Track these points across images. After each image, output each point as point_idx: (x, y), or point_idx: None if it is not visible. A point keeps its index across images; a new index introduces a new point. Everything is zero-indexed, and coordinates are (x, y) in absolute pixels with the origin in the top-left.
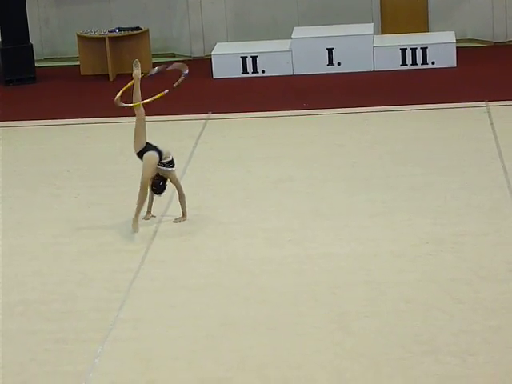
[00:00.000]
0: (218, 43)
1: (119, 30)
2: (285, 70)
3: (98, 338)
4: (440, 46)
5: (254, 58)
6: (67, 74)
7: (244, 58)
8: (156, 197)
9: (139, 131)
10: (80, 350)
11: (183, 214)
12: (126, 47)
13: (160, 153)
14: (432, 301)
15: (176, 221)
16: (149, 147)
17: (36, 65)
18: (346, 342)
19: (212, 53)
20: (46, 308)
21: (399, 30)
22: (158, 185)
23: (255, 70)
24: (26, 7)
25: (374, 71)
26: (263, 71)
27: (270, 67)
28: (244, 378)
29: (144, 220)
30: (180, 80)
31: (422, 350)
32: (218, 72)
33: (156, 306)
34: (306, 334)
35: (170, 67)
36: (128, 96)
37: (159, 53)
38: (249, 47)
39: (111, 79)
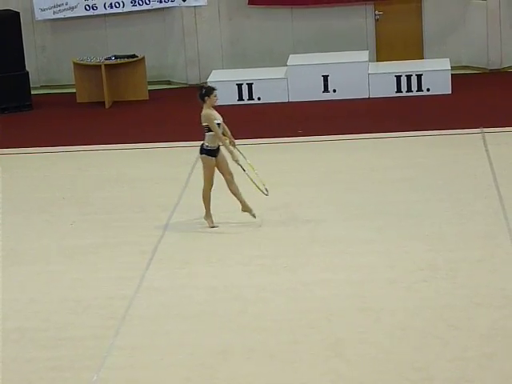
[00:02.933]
0: (213, 70)
1: (115, 58)
2: (280, 97)
3: (94, 365)
4: (435, 73)
5: (250, 85)
6: (63, 102)
7: (240, 85)
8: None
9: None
10: (75, 377)
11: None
12: (122, 75)
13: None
14: (427, 328)
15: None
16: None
17: (32, 92)
18: (342, 369)
19: (208, 80)
20: (41, 335)
21: (394, 58)
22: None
23: (251, 97)
24: (22, 35)
25: (369, 98)
26: (259, 98)
27: (266, 94)
28: None
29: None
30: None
31: (417, 376)
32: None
33: (151, 334)
34: (302, 361)
35: None
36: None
37: (155, 80)
38: (244, 74)
39: (107, 106)
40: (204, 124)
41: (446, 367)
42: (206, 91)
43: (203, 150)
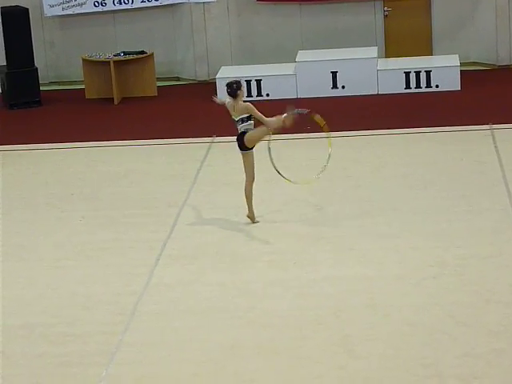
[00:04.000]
0: (222, 67)
1: (124, 54)
2: (289, 93)
3: (103, 361)
4: (444, 69)
5: (259, 82)
6: (72, 98)
7: (248, 82)
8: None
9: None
10: (84, 373)
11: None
12: (131, 71)
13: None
14: (436, 324)
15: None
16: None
17: (41, 88)
18: (350, 366)
19: (216, 76)
20: (50, 331)
21: (403, 54)
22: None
23: (260, 94)
24: (31, 31)
25: (378, 94)
26: (267, 94)
27: (275, 90)
28: None
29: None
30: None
31: (426, 373)
32: (223, 95)
33: (160, 330)
34: (310, 358)
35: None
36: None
37: (164, 76)
38: (253, 71)
39: (116, 103)
40: (242, 116)
41: (454, 363)
42: (236, 86)
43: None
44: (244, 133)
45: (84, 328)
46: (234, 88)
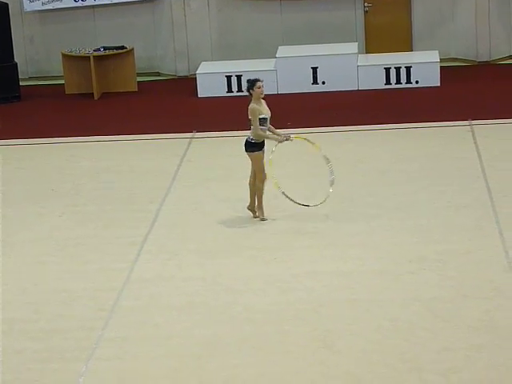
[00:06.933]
0: (202, 62)
1: (104, 49)
2: (269, 89)
3: (83, 356)
4: (424, 65)
5: (239, 77)
6: (52, 93)
7: (229, 77)
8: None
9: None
10: (64, 369)
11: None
12: (111, 66)
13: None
14: (415, 319)
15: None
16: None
17: (21, 83)
18: (331, 360)
19: (197, 72)
20: (30, 327)
21: (383, 50)
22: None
23: (240, 89)
24: (10, 26)
25: (358, 90)
26: None
27: None
28: None
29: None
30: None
31: (405, 367)
32: (203, 91)
33: (140, 325)
34: (291, 353)
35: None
36: None
37: (144, 72)
38: (234, 66)
39: (96, 98)
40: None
41: (433, 358)
42: (249, 85)
43: (248, 146)
44: (248, 146)
45: (64, 324)
46: (247, 87)
